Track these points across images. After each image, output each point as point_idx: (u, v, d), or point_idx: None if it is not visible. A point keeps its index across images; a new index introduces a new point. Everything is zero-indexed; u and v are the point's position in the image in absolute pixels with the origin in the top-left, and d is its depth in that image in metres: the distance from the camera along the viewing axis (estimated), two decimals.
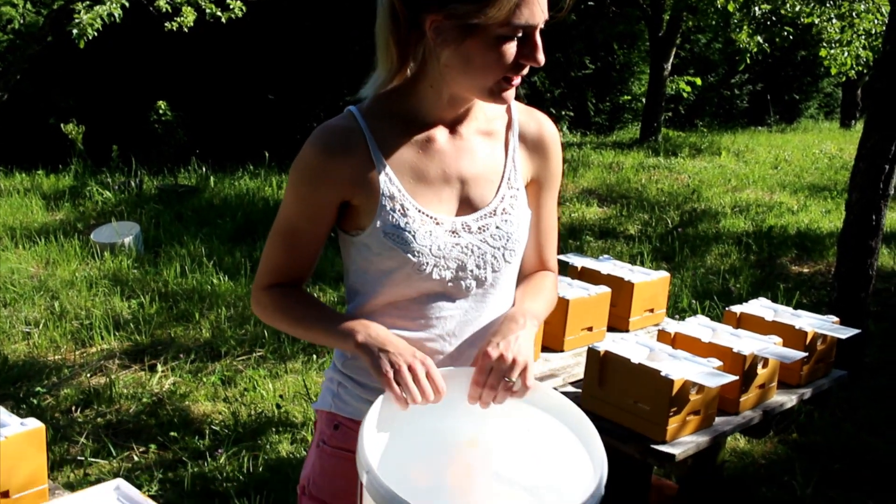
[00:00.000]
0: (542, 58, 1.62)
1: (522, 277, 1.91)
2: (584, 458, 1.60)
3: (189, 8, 9.48)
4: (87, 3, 8.41)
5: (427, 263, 1.68)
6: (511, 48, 1.59)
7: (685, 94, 17.54)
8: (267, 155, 11.10)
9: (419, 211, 1.68)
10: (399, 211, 1.67)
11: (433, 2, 1.57)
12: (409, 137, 1.71)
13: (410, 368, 1.60)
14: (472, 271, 1.73)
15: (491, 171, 1.76)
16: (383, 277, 1.71)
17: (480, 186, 1.74)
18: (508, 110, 1.82)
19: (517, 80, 1.65)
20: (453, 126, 1.74)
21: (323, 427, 1.84)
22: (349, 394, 1.80)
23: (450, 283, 1.72)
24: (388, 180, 1.67)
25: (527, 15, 1.56)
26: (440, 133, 1.73)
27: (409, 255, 1.67)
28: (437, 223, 1.69)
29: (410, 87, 1.71)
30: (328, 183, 1.68)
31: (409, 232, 1.66)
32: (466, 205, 1.74)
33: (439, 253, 1.69)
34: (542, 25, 1.60)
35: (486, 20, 1.54)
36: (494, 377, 1.64)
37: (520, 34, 1.58)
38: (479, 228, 1.73)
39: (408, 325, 1.72)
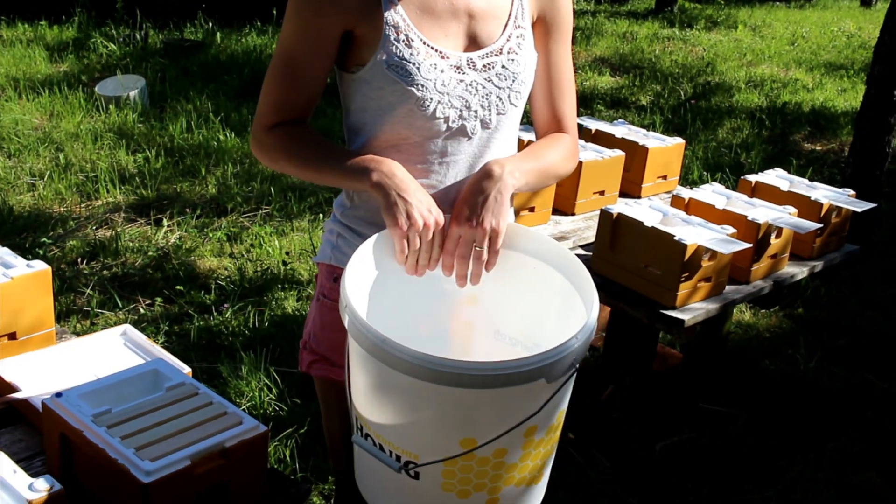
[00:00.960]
0: None
1: (537, 138, 1.84)
2: (581, 312, 1.56)
3: None
4: None
5: (430, 99, 1.61)
6: None
7: None
8: (274, 12, 10.86)
9: (424, 43, 1.61)
10: (403, 42, 1.59)
11: None
12: None
13: (425, 227, 1.55)
14: (475, 112, 1.66)
15: (498, 8, 1.68)
16: (384, 115, 1.64)
17: (487, 23, 1.67)
18: None
19: None
20: None
21: (323, 280, 1.81)
22: (349, 245, 1.74)
23: (453, 124, 1.65)
24: (394, 9, 1.60)
25: None
26: None
27: (413, 89, 1.59)
28: (443, 57, 1.62)
29: None
30: (331, 7, 1.59)
31: (413, 64, 1.59)
32: (473, 41, 1.66)
33: (443, 89, 1.62)
34: None
35: None
36: (463, 247, 1.59)
37: None
38: (485, 66, 1.66)
39: (410, 170, 1.64)
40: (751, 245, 2.81)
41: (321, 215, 5.17)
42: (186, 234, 4.91)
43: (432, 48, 1.61)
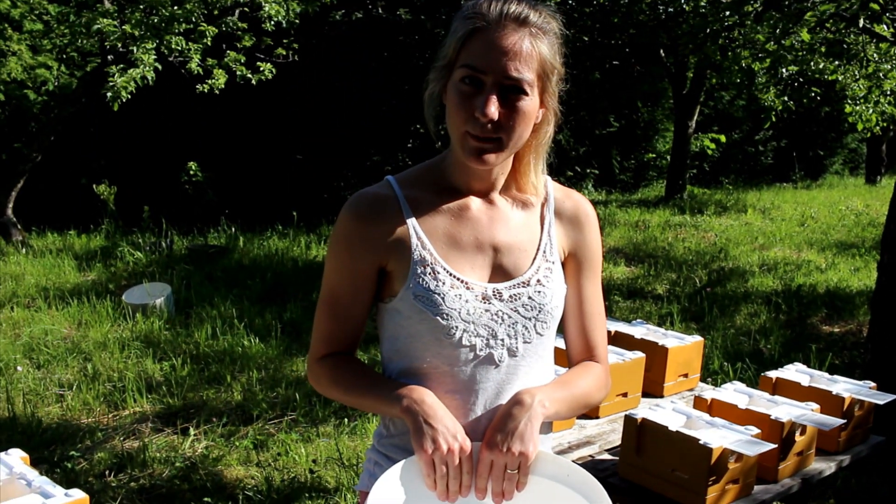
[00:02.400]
0: (488, 111, 1.60)
1: (570, 366, 1.89)
2: None
3: (220, 70, 9.66)
4: (121, 66, 8.58)
5: (456, 328, 1.68)
6: (465, 93, 1.63)
7: (710, 151, 17.58)
8: (295, 215, 11.19)
9: (450, 275, 1.70)
10: (430, 274, 1.69)
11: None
12: (443, 204, 1.75)
13: (450, 452, 1.61)
14: (502, 340, 1.72)
15: (526, 242, 1.78)
16: (414, 342, 1.72)
17: (514, 255, 1.76)
18: (545, 186, 1.84)
19: (481, 138, 1.63)
20: (486, 195, 1.77)
21: None
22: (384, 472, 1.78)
23: (481, 352, 1.71)
24: (421, 245, 1.71)
25: (483, 61, 1.60)
26: (473, 201, 1.76)
27: (438, 318, 1.68)
28: (468, 287, 1.71)
29: (446, 155, 1.77)
30: (364, 248, 1.71)
31: (439, 294, 1.68)
32: (500, 273, 1.75)
33: (468, 318, 1.69)
34: (504, 81, 1.61)
35: (449, 59, 1.65)
36: (496, 470, 1.65)
37: (471, 78, 1.62)
38: (511, 297, 1.73)
39: (441, 397, 1.70)
40: (776, 445, 2.83)
41: (346, 419, 5.21)
42: (213, 442, 4.94)
43: (458, 279, 1.70)
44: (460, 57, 1.62)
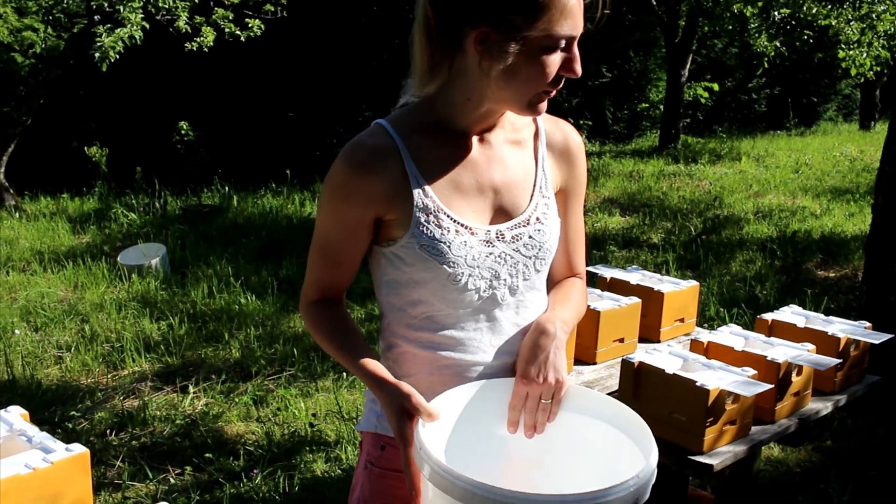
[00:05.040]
0: (580, 69, 1.64)
1: (552, 284, 1.91)
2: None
3: (209, 28, 9.58)
4: (108, 26, 8.50)
5: (462, 274, 1.68)
6: (555, 60, 1.61)
7: (703, 100, 17.53)
8: (289, 173, 11.15)
9: (454, 221, 1.69)
10: (434, 223, 1.67)
11: (482, 15, 1.57)
12: (443, 149, 1.72)
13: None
14: (504, 280, 1.73)
15: (522, 179, 1.77)
16: (417, 288, 1.71)
17: (513, 194, 1.75)
18: (534, 120, 1.82)
19: (553, 93, 1.67)
20: (483, 135, 1.75)
21: (370, 448, 1.85)
22: None
23: (484, 293, 1.72)
24: (423, 193, 1.68)
25: (570, 26, 1.59)
26: (472, 143, 1.74)
27: (445, 266, 1.67)
28: (473, 233, 1.70)
29: (443, 98, 1.71)
30: (362, 200, 1.68)
31: (445, 243, 1.67)
32: (500, 213, 1.74)
33: (473, 263, 1.69)
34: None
35: (534, 32, 1.56)
36: (531, 401, 1.68)
37: (562, 45, 1.60)
38: (513, 238, 1.74)
39: (444, 339, 1.73)
40: (773, 385, 2.84)
41: (344, 374, 5.22)
42: (213, 399, 4.96)
43: (462, 225, 1.69)
44: (539, 25, 1.56)
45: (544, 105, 1.68)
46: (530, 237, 1.75)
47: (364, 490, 1.85)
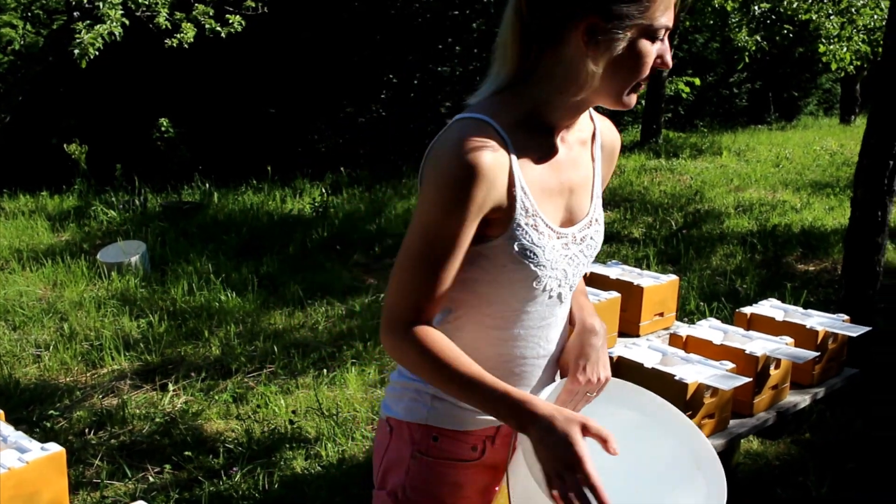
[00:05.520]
0: (671, 60, 1.64)
1: None
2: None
3: (189, 24, 9.52)
4: (88, 22, 8.44)
5: (546, 276, 1.69)
6: (654, 50, 1.60)
7: (684, 95, 17.54)
8: (269, 169, 11.11)
9: (546, 225, 1.68)
10: (531, 225, 1.64)
11: (592, 6, 1.55)
12: (536, 147, 1.67)
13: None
14: (569, 280, 1.76)
15: (586, 179, 1.77)
16: (500, 289, 1.69)
17: (580, 195, 1.75)
18: (592, 118, 1.82)
19: (644, 86, 1.67)
20: (562, 134, 1.72)
21: (419, 438, 1.80)
22: (447, 405, 1.78)
23: (553, 292, 1.73)
24: (524, 193, 1.64)
25: (668, 17, 1.59)
26: (558, 142, 1.71)
27: (537, 270, 1.67)
28: (558, 237, 1.70)
29: (534, 92, 1.66)
30: (481, 207, 1.60)
31: (540, 247, 1.66)
32: (570, 214, 1.74)
33: (556, 265, 1.70)
34: None
35: (644, 21, 1.56)
36: (580, 396, 1.76)
37: (661, 36, 1.60)
38: (581, 239, 1.75)
39: (511, 337, 1.75)
40: (751, 379, 2.85)
41: (325, 370, 5.21)
42: (192, 397, 4.93)
43: (552, 229, 1.69)
44: (648, 14, 1.56)
45: (635, 97, 1.66)
46: (591, 238, 1.78)
47: (413, 476, 1.81)
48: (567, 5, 1.56)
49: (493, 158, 1.57)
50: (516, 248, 1.64)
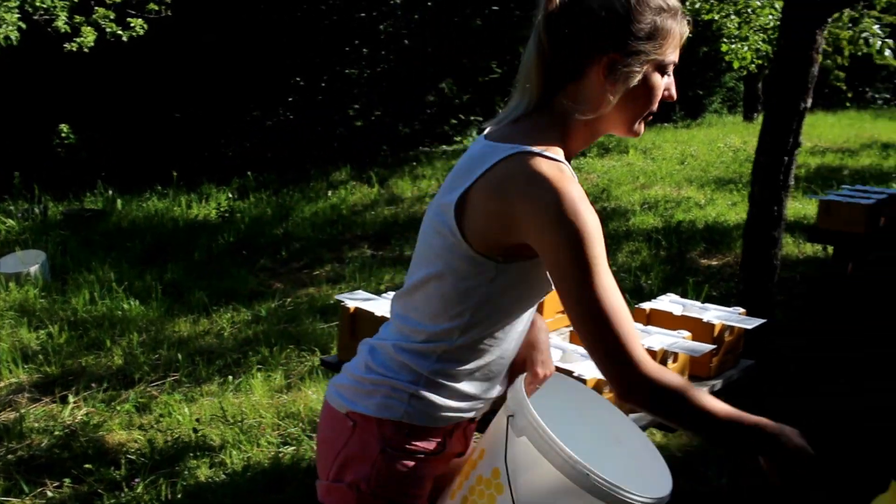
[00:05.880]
0: (675, 93, 1.79)
1: None
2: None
3: (89, 28, 9.33)
4: None
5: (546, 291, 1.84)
6: (663, 83, 1.76)
7: None
8: (175, 175, 10.94)
9: None
10: None
11: (613, 45, 1.68)
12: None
13: None
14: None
15: None
16: (519, 302, 1.82)
17: None
18: None
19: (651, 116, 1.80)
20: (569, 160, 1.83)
21: (391, 434, 1.85)
22: (424, 403, 1.84)
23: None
24: None
25: (677, 53, 1.76)
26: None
27: (549, 287, 1.79)
28: None
29: (557, 120, 1.78)
30: None
31: None
32: None
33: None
34: None
35: (658, 56, 1.72)
36: (532, 391, 1.93)
37: (670, 71, 1.76)
38: None
39: (507, 343, 1.86)
40: None
41: (230, 377, 5.13)
42: (94, 409, 4.82)
43: None
44: (661, 50, 1.72)
45: (643, 126, 1.81)
46: None
47: (379, 470, 1.86)
48: (590, 43, 1.70)
49: None
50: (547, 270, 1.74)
